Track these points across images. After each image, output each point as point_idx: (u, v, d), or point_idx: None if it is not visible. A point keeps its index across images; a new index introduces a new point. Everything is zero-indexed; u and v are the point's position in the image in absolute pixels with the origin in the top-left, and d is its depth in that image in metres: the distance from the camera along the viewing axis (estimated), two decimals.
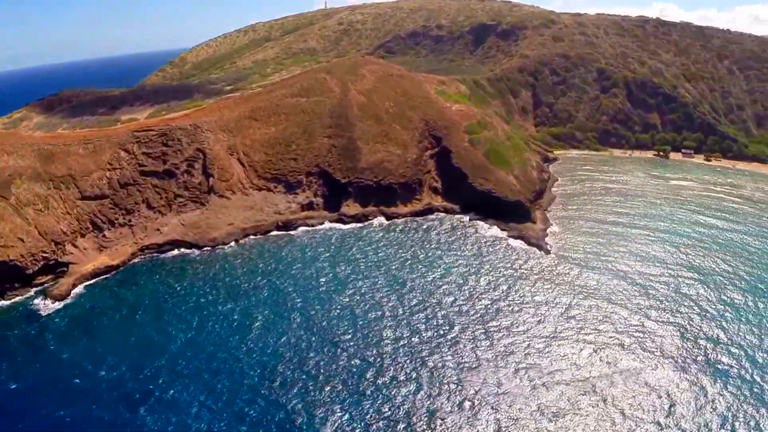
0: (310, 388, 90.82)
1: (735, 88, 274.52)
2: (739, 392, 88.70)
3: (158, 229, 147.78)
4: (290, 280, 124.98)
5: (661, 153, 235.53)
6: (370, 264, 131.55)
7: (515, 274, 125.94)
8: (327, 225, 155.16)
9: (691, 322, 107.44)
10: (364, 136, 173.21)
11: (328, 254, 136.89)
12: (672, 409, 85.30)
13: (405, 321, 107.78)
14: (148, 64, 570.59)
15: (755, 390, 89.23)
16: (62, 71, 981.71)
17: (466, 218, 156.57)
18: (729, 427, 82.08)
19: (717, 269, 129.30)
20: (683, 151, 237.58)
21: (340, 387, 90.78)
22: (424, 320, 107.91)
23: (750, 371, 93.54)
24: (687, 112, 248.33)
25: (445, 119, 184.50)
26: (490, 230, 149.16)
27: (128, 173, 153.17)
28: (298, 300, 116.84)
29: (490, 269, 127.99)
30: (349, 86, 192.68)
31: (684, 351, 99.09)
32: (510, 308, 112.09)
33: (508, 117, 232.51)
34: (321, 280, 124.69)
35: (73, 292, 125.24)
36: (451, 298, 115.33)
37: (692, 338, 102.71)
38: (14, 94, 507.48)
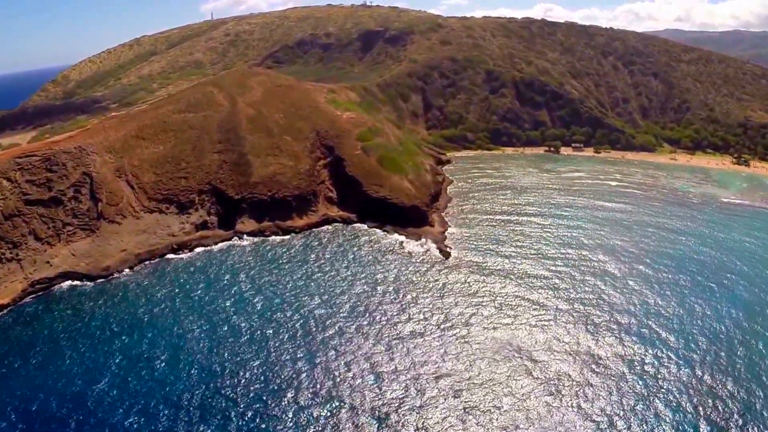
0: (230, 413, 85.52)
1: (620, 82, 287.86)
2: (667, 361, 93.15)
3: (48, 262, 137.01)
4: (192, 306, 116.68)
5: (552, 148, 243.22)
6: (273, 282, 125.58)
7: (420, 277, 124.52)
8: (223, 244, 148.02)
9: (612, 299, 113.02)
10: (255, 150, 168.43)
11: (228, 275, 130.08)
12: (610, 381, 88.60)
13: (320, 337, 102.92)
14: (26, 83, 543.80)
15: (683, 358, 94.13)
16: None
17: (364, 227, 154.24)
18: (664, 389, 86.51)
19: (619, 248, 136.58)
20: (573, 145, 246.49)
21: (267, 409, 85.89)
22: (351, 330, 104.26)
23: (678, 339, 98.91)
24: (574, 107, 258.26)
25: (336, 128, 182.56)
26: (389, 237, 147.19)
27: (12, 204, 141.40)
28: (205, 325, 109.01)
29: (396, 276, 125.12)
30: (237, 99, 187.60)
31: (613, 324, 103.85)
32: (425, 310, 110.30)
33: (399, 122, 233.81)
34: (226, 303, 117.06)
35: None
36: (370, 310, 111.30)
37: (616, 312, 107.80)
38: None
